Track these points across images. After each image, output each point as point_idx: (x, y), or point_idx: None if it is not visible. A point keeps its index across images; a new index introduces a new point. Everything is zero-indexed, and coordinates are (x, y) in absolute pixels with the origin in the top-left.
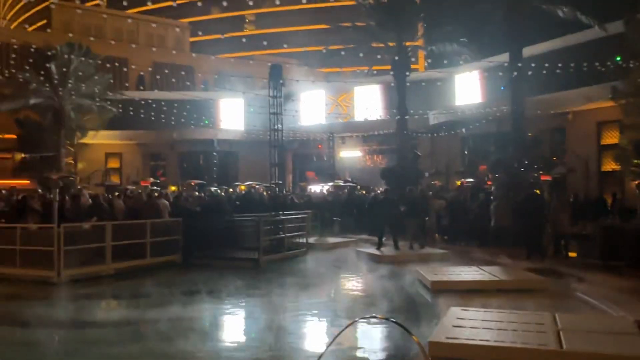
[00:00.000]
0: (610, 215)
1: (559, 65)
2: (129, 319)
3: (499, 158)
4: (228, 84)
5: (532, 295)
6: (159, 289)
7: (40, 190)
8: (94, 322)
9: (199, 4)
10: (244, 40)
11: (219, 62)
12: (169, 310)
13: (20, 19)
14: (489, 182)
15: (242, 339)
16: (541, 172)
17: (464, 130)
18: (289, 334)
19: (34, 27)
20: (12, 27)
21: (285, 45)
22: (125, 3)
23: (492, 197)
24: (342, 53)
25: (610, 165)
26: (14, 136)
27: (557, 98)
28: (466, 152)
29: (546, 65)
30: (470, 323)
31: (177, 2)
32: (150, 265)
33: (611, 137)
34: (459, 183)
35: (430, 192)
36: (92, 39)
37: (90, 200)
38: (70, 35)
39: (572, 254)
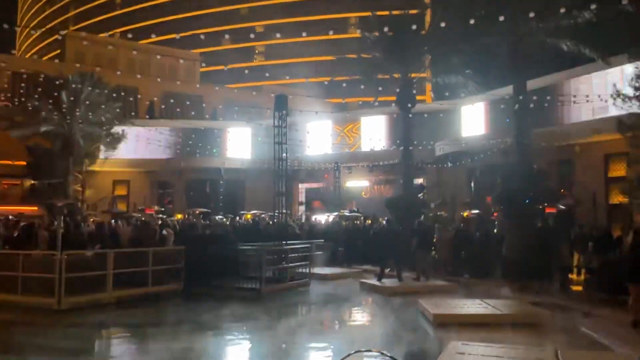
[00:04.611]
0: (617, 249)
1: (561, 97)
2: (123, 349)
3: (504, 190)
4: (236, 114)
5: (536, 330)
6: (157, 319)
7: (47, 218)
8: (86, 351)
9: (202, 37)
10: (246, 71)
11: (226, 91)
12: (164, 341)
13: (34, 49)
14: (495, 214)
15: None
16: (547, 204)
17: (470, 161)
18: None
19: (47, 56)
20: (26, 56)
21: (287, 77)
22: (130, 35)
23: (495, 230)
24: (344, 85)
25: (618, 198)
26: (24, 163)
27: (564, 130)
28: (472, 184)
29: (547, 98)
30: (471, 358)
31: (187, 34)
32: (151, 293)
33: (619, 170)
34: (465, 214)
35: (439, 225)
36: (98, 69)
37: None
38: (78, 65)
39: (577, 288)
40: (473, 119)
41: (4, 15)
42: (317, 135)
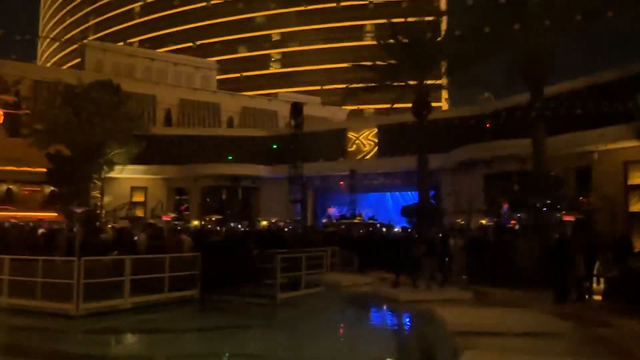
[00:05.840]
0: (637, 257)
1: (579, 104)
2: (139, 356)
3: (521, 197)
4: (252, 121)
5: (554, 340)
6: (172, 326)
7: (66, 224)
8: (102, 357)
9: (217, 45)
10: (262, 79)
11: (243, 99)
12: (179, 347)
13: (55, 59)
14: (513, 222)
15: None
16: (564, 212)
17: (486, 168)
18: None
19: (68, 65)
20: (47, 65)
21: (302, 84)
22: (147, 44)
23: (512, 238)
24: (357, 93)
25: (637, 206)
26: (44, 170)
27: (581, 137)
28: (489, 191)
29: (562, 104)
30: None
31: (203, 42)
32: (167, 300)
33: (638, 177)
34: (483, 222)
35: (454, 232)
36: (116, 77)
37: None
38: (97, 73)
39: (597, 297)
40: (489, 126)
41: (26, 26)
42: (332, 142)
